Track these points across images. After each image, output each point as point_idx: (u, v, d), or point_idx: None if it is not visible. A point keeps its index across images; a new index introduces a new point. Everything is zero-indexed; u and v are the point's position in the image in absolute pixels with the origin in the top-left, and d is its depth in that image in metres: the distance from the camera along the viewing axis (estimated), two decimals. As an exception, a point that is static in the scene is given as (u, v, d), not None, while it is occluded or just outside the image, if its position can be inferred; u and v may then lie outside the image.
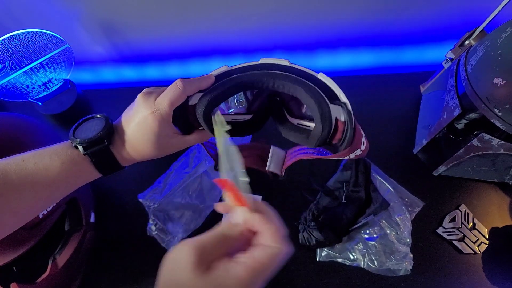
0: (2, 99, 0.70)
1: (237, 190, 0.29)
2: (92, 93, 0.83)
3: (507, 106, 0.46)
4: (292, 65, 0.38)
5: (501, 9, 0.52)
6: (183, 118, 0.40)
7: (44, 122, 0.77)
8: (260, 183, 0.53)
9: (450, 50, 0.64)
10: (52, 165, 0.35)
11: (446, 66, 0.65)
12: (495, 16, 0.54)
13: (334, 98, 0.36)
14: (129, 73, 0.89)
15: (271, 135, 0.47)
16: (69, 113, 0.77)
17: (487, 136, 0.52)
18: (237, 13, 0.72)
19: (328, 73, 0.41)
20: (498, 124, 0.49)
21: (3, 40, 0.67)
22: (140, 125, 0.36)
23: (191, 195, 0.64)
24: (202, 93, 0.38)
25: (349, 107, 0.36)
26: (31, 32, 0.68)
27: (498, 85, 0.47)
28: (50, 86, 0.75)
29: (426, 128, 0.65)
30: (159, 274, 0.27)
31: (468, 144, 0.55)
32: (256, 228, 0.28)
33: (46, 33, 0.69)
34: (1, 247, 0.45)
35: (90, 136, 0.36)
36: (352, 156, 0.38)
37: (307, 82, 0.36)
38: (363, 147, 0.38)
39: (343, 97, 0.36)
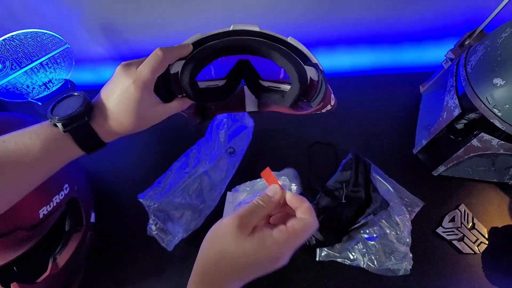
0: (2, 99, 0.70)
1: (273, 175, 0.36)
2: (92, 93, 0.82)
3: (507, 106, 0.47)
4: (263, 31, 0.40)
5: (501, 9, 0.52)
6: (164, 86, 0.40)
7: (44, 122, 0.77)
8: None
9: (450, 50, 0.64)
10: (33, 145, 0.35)
11: (446, 66, 0.65)
12: (495, 16, 0.54)
13: (306, 60, 0.40)
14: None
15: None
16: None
17: (486, 136, 0.52)
18: (236, 12, 0.72)
19: (328, 73, 0.42)
20: (497, 124, 0.49)
21: (3, 40, 0.67)
22: (123, 95, 0.36)
23: (191, 195, 0.64)
24: (183, 61, 0.39)
25: (321, 66, 0.40)
26: (31, 32, 0.68)
27: (498, 85, 0.47)
28: (50, 86, 0.75)
29: (426, 128, 0.65)
30: (202, 245, 0.32)
31: (468, 144, 0.55)
32: (293, 204, 0.34)
33: (46, 33, 0.69)
34: (1, 247, 0.45)
35: (68, 113, 0.35)
36: (323, 110, 0.43)
37: (282, 47, 0.39)
38: (332, 103, 0.43)
39: (314, 59, 0.40)
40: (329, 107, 0.43)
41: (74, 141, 0.36)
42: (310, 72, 0.40)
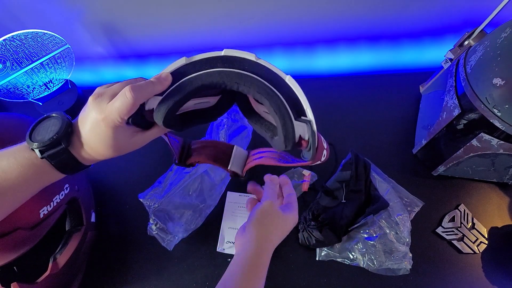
0: (2, 99, 0.70)
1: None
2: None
3: (506, 106, 0.47)
4: (259, 61, 0.34)
5: (501, 9, 0.53)
6: (141, 117, 0.37)
7: (45, 122, 0.78)
8: (261, 184, 0.53)
9: (450, 50, 0.64)
10: (10, 169, 0.34)
11: (445, 66, 0.65)
12: (494, 16, 0.54)
13: (300, 113, 0.34)
14: (129, 73, 0.89)
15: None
16: (70, 113, 0.75)
17: (486, 136, 0.52)
18: (236, 11, 0.72)
19: (328, 73, 0.41)
20: (497, 124, 0.49)
21: (4, 40, 0.67)
22: (94, 129, 0.34)
23: (191, 195, 0.64)
24: (159, 97, 0.35)
25: (314, 126, 0.34)
26: (32, 32, 0.68)
27: (498, 85, 0.47)
28: (50, 86, 0.75)
29: (425, 128, 0.65)
30: (253, 220, 0.46)
31: (468, 144, 0.55)
32: (283, 182, 0.53)
33: (46, 33, 0.70)
34: (2, 247, 0.45)
35: (46, 139, 0.34)
36: (313, 164, 0.39)
37: (275, 91, 0.33)
38: (323, 159, 0.39)
39: (309, 113, 0.34)
40: (318, 162, 0.39)
41: (53, 166, 0.35)
42: (300, 129, 0.35)
